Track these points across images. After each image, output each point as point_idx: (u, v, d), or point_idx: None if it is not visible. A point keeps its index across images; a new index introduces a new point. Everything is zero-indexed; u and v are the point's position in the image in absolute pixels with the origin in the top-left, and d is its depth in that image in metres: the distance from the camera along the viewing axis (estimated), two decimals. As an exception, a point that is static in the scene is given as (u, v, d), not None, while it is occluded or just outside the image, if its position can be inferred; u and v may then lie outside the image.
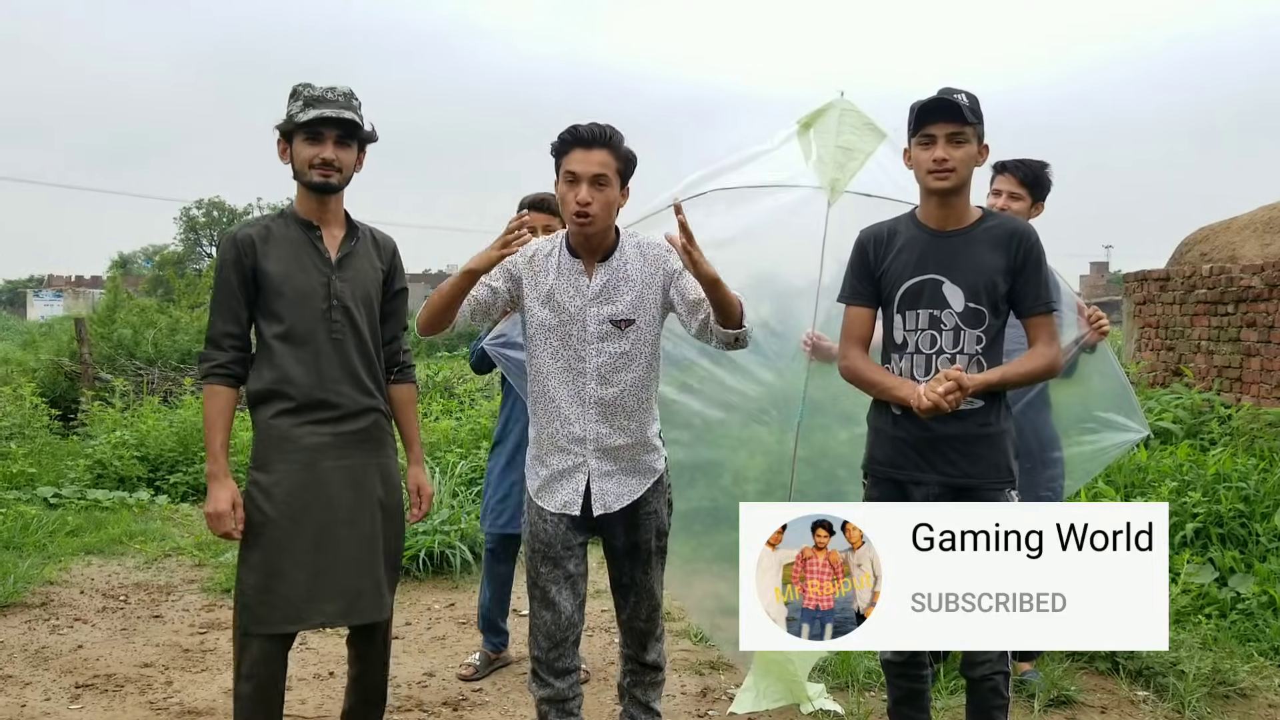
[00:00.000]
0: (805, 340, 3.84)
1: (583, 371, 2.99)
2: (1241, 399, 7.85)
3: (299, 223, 3.06)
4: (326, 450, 2.98)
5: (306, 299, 2.99)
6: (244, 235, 3.02)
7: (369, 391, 3.07)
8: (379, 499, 3.08)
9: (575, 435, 3.02)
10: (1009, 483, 3.03)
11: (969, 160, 3.01)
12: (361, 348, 3.06)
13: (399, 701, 4.17)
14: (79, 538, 6.73)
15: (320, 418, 2.99)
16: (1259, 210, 9.63)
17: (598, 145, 2.92)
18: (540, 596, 3.07)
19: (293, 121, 2.97)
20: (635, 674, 3.25)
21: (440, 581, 5.89)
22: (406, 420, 3.26)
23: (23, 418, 9.52)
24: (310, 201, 3.05)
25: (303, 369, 2.98)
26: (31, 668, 4.51)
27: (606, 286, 3.00)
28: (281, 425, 2.98)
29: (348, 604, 3.00)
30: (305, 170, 2.99)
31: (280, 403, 2.99)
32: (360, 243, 3.11)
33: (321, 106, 2.95)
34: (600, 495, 3.03)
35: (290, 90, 3.03)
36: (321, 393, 2.99)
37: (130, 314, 13.90)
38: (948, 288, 3.02)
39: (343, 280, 3.03)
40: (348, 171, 3.04)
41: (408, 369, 3.28)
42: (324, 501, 2.97)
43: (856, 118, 3.90)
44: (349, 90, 3.03)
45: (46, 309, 52.73)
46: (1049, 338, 3.03)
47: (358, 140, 3.05)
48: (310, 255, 3.03)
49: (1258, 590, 4.82)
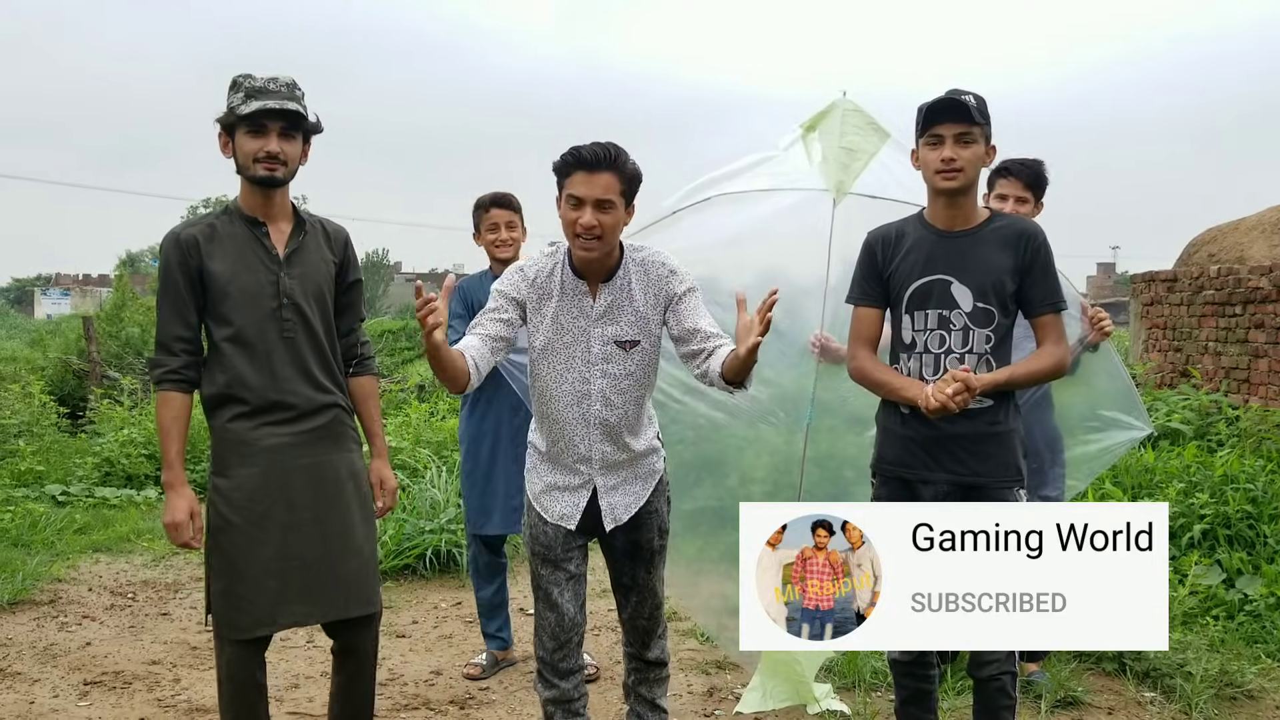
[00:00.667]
0: (813, 341, 3.84)
1: (587, 394, 2.95)
2: (1249, 400, 7.83)
3: (244, 219, 2.97)
4: (285, 450, 2.92)
5: (255, 298, 2.92)
6: (188, 235, 2.92)
7: (325, 388, 3.00)
8: (348, 493, 3.01)
9: (580, 455, 3.01)
10: (1017, 481, 3.04)
11: (977, 160, 3.01)
12: (315, 344, 2.99)
13: (406, 700, 4.18)
14: (87, 535, 6.76)
15: (277, 418, 2.92)
16: (1267, 211, 9.61)
17: (602, 168, 2.82)
18: (544, 598, 3.08)
19: (234, 114, 2.88)
20: (640, 671, 3.26)
21: (447, 580, 5.90)
22: (367, 414, 3.20)
23: (31, 415, 9.55)
24: (255, 197, 2.96)
25: (255, 370, 2.91)
26: (40, 665, 4.53)
27: (611, 307, 2.95)
28: (238, 428, 2.92)
29: (322, 603, 2.95)
30: (249, 164, 2.89)
31: (235, 406, 2.92)
32: (309, 236, 3.03)
33: (264, 98, 2.85)
34: (610, 510, 3.03)
35: (230, 81, 2.92)
36: (276, 393, 2.92)
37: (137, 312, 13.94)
38: (956, 288, 3.02)
39: (292, 277, 2.95)
40: (293, 164, 2.95)
41: (366, 360, 3.22)
42: (286, 502, 2.91)
43: (860, 117, 3.89)
44: (292, 80, 2.94)
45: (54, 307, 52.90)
46: (1057, 337, 3.04)
47: (302, 132, 2.96)
48: (257, 253, 2.94)
49: (1265, 592, 4.81)
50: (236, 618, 2.90)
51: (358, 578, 3.00)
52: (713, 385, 2.90)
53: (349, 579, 2.98)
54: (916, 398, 2.95)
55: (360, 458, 3.11)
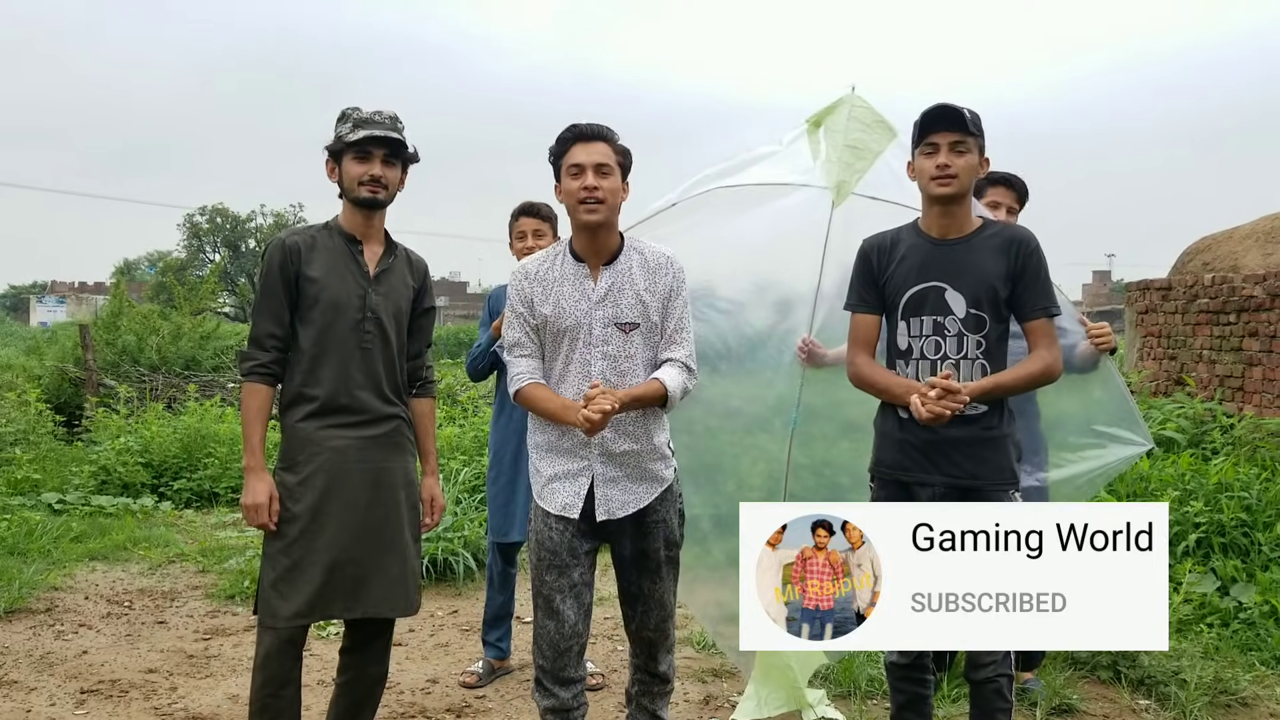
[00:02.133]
0: (800, 346, 3.85)
1: (588, 375, 2.99)
2: (1243, 409, 7.86)
3: (343, 235, 3.21)
4: (349, 451, 3.13)
5: (342, 308, 3.15)
6: (291, 242, 3.17)
7: (390, 400, 3.22)
8: (400, 500, 3.20)
9: (580, 439, 3.01)
10: (1012, 484, 3.08)
11: (971, 169, 3.07)
12: (388, 358, 3.21)
13: (403, 708, 4.18)
14: (83, 544, 6.76)
15: (343, 421, 3.13)
16: (1261, 220, 9.64)
17: (597, 139, 3.01)
18: (545, 605, 3.05)
19: (342, 142, 3.14)
20: (644, 684, 3.25)
21: (443, 588, 5.90)
22: (425, 432, 3.40)
23: (28, 423, 9.52)
24: (356, 217, 3.21)
25: (330, 374, 3.13)
26: (36, 673, 4.53)
27: (611, 290, 3.02)
28: (307, 427, 3.13)
29: (363, 599, 3.14)
30: (354, 187, 3.15)
31: (306, 405, 3.14)
32: (397, 260, 3.27)
33: (370, 127, 3.12)
34: (604, 501, 3.02)
35: (339, 114, 3.20)
36: (346, 397, 3.14)
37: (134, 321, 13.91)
38: (950, 294, 3.07)
39: (379, 294, 3.20)
40: (393, 189, 3.21)
41: (429, 384, 3.42)
42: (344, 500, 3.11)
43: (867, 114, 3.86)
44: (394, 114, 3.21)
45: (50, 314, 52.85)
46: (1048, 342, 3.07)
47: (401, 160, 3.22)
48: (350, 267, 3.18)
49: (1259, 600, 4.83)
50: (281, 606, 3.09)
51: (399, 579, 3.18)
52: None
53: (391, 579, 3.17)
54: (910, 402, 2.98)
55: (415, 469, 3.32)
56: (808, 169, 3.91)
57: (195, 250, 58.67)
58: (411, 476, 3.27)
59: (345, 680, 3.34)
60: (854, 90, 3.93)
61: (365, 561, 3.13)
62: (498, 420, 4.41)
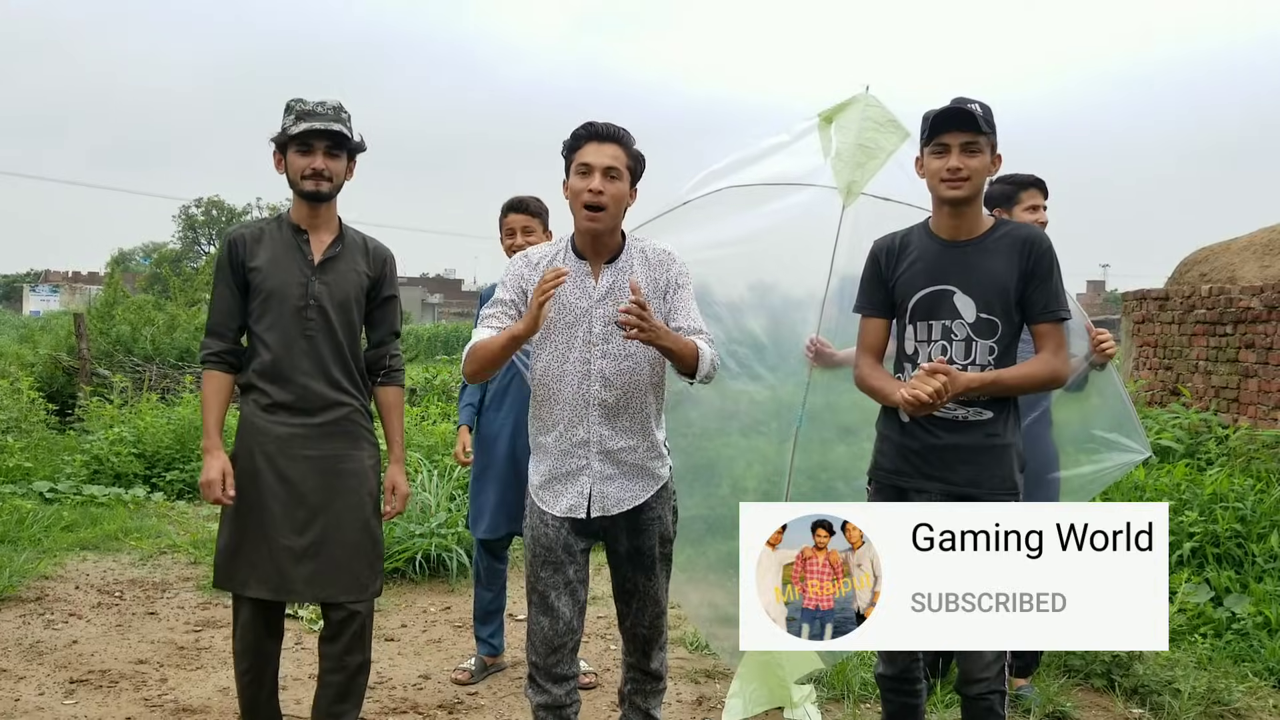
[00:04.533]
0: (809, 346, 3.83)
1: (587, 374, 2.98)
2: (1239, 419, 7.86)
3: (291, 227, 3.28)
4: (294, 440, 3.21)
5: (284, 297, 3.21)
6: (238, 234, 3.29)
7: (340, 387, 3.26)
8: (352, 488, 3.25)
9: (578, 438, 3.00)
10: (1012, 494, 2.99)
11: (983, 170, 2.99)
12: (335, 347, 3.25)
13: (394, 703, 4.17)
14: (74, 533, 6.73)
15: (290, 409, 3.22)
16: (1259, 232, 9.66)
17: (611, 140, 2.98)
18: (539, 602, 3.04)
19: (286, 134, 3.20)
20: (637, 682, 3.24)
21: (436, 584, 5.89)
22: (390, 421, 3.45)
23: (20, 412, 9.48)
24: (303, 208, 3.27)
25: (275, 362, 3.21)
26: (26, 662, 4.51)
27: (613, 288, 3.00)
28: (256, 414, 3.24)
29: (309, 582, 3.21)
30: (298, 179, 3.21)
31: (256, 393, 3.24)
32: (346, 249, 3.31)
33: (311, 120, 3.18)
34: (600, 498, 3.01)
35: (284, 105, 3.24)
36: (291, 385, 3.21)
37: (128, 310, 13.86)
38: (959, 298, 3.00)
39: (322, 282, 3.24)
40: (338, 180, 3.25)
41: (395, 373, 3.45)
42: (289, 486, 3.20)
43: (880, 113, 3.83)
44: (338, 104, 3.25)
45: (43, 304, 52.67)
46: (1055, 347, 2.99)
47: (346, 150, 3.26)
48: (295, 257, 3.25)
49: (1253, 610, 4.83)
50: (231, 573, 3.25)
51: (345, 565, 3.23)
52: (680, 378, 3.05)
53: (338, 565, 3.22)
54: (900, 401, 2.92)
55: (372, 458, 3.35)
56: (818, 166, 3.89)
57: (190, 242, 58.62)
58: (364, 465, 3.30)
59: (324, 669, 3.36)
60: (868, 90, 3.90)
61: (310, 547, 3.19)
62: (487, 412, 4.36)
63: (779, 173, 4.00)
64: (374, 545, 3.32)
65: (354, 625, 3.29)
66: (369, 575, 3.29)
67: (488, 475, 4.32)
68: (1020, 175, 3.98)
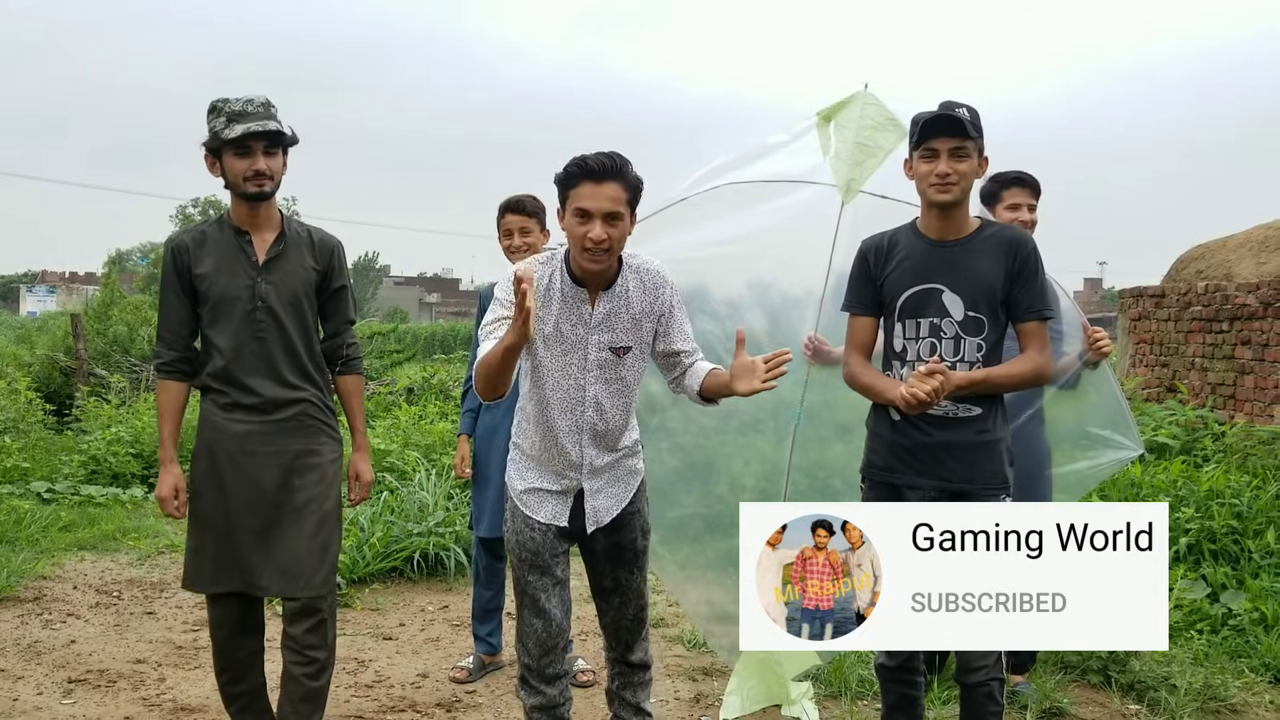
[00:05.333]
0: (806, 344, 3.85)
1: (581, 400, 2.97)
2: (1235, 416, 7.88)
3: (232, 228, 3.26)
4: (252, 437, 3.23)
5: (232, 300, 3.21)
6: (180, 241, 3.27)
7: (291, 385, 3.27)
8: (308, 481, 3.26)
9: (571, 462, 3.01)
10: (1004, 489, 3.06)
11: (970, 174, 3.06)
12: (286, 345, 3.25)
13: (392, 702, 4.17)
14: (72, 533, 6.73)
15: (247, 408, 3.24)
16: (1255, 229, 9.68)
17: (609, 178, 2.80)
18: (531, 605, 3.05)
19: (220, 138, 3.13)
20: (623, 675, 3.25)
21: (434, 583, 5.89)
22: (351, 410, 3.51)
23: (17, 412, 9.47)
24: (243, 209, 3.24)
25: (228, 364, 3.22)
26: (24, 662, 4.51)
27: (609, 315, 2.96)
28: (215, 414, 3.27)
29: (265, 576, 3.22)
30: (240, 183, 3.17)
31: (213, 395, 3.28)
32: (290, 245, 3.29)
33: (246, 120, 3.12)
34: (594, 513, 3.04)
35: (209, 106, 3.19)
36: (245, 387, 3.23)
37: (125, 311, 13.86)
38: (947, 296, 3.06)
39: (269, 282, 3.23)
40: (278, 177, 3.23)
41: (352, 361, 3.49)
42: (248, 481, 3.22)
43: (879, 112, 3.84)
44: (266, 100, 3.20)
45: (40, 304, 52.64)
46: (1040, 345, 3.06)
47: (281, 147, 3.22)
48: (239, 259, 3.23)
49: (1249, 606, 4.84)
50: (198, 573, 3.27)
51: (301, 558, 3.23)
52: (685, 395, 3.08)
53: (295, 558, 3.23)
54: (897, 399, 2.96)
55: (332, 452, 3.36)
56: (816, 165, 3.89)
57: (188, 242, 58.39)
58: (324, 459, 3.31)
59: (288, 660, 3.32)
60: (866, 88, 3.90)
61: (270, 542, 3.21)
62: (486, 411, 4.37)
63: (777, 171, 4.01)
64: (329, 541, 3.31)
65: (313, 617, 3.27)
66: (322, 569, 3.27)
67: (489, 473, 4.32)
68: (1005, 173, 3.99)
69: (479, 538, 4.41)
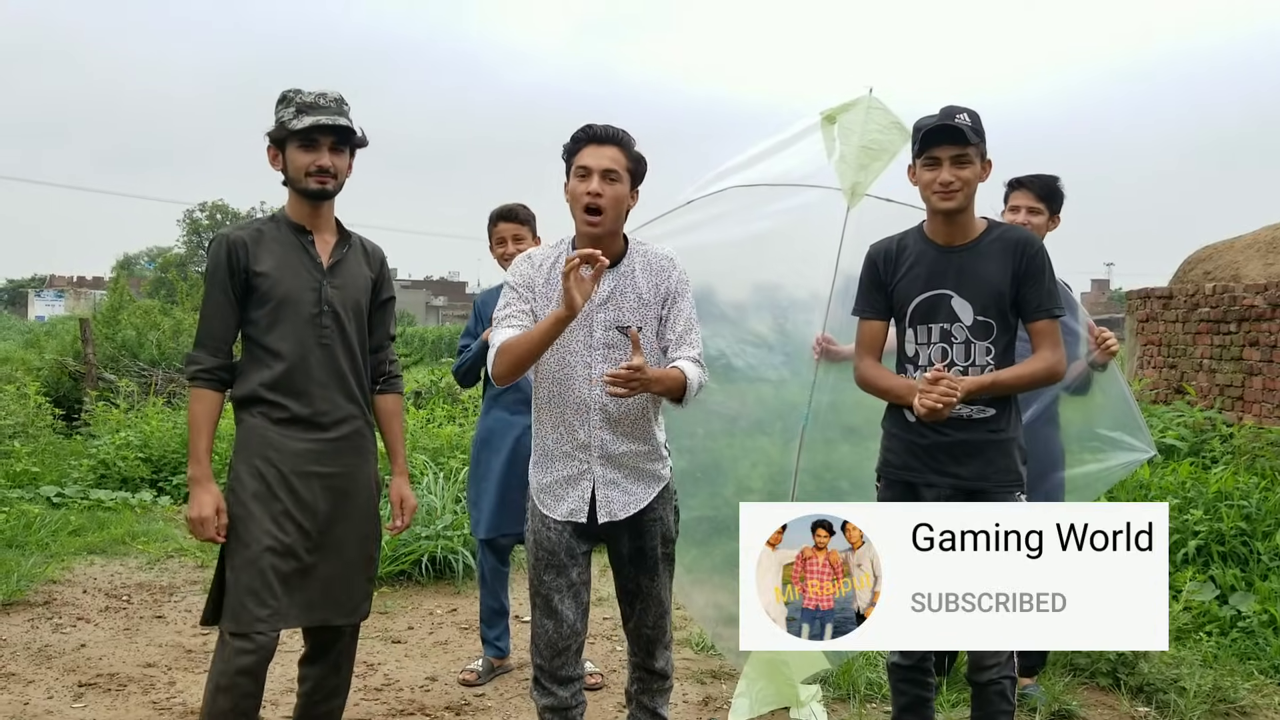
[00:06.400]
0: (816, 344, 3.86)
1: (588, 378, 2.98)
2: (1243, 417, 7.87)
3: (291, 226, 3.06)
4: (308, 456, 3.00)
5: (297, 303, 2.99)
6: (236, 237, 3.01)
7: (354, 399, 3.08)
8: (360, 506, 3.10)
9: (580, 442, 3.01)
10: (1018, 486, 3.09)
11: (973, 179, 3.08)
12: (349, 355, 3.07)
13: (401, 705, 4.18)
14: (82, 537, 6.75)
15: (305, 423, 3.00)
16: (1262, 230, 9.67)
17: (610, 143, 2.96)
18: (543, 605, 3.06)
19: (286, 129, 2.97)
20: (643, 681, 3.25)
21: (443, 586, 5.90)
22: (391, 430, 3.28)
23: (27, 417, 9.50)
24: (304, 207, 3.05)
25: (290, 373, 2.98)
26: (34, 666, 4.53)
27: (614, 293, 3.00)
28: (267, 430, 2.99)
29: (321, 608, 3.03)
30: (301, 177, 2.99)
31: (266, 407, 2.99)
32: (351, 250, 3.13)
33: (316, 113, 2.95)
34: (605, 503, 3.03)
35: (279, 96, 3.02)
36: (307, 398, 3.00)
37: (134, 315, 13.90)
38: (957, 302, 3.08)
39: (334, 286, 3.05)
40: (342, 177, 3.05)
41: (394, 379, 3.29)
42: (303, 506, 2.98)
43: (883, 116, 3.84)
44: (340, 95, 3.03)
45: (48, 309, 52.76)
46: (1052, 343, 3.07)
47: (350, 146, 3.06)
48: (302, 259, 3.03)
49: (1259, 609, 4.83)
50: (242, 611, 2.90)
51: (358, 588, 3.10)
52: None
53: (350, 587, 3.07)
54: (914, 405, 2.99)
55: (374, 472, 3.18)
56: (822, 167, 3.89)
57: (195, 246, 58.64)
58: (369, 481, 3.14)
59: (303, 690, 3.21)
60: (871, 92, 3.90)
61: (330, 569, 3.02)
62: (488, 414, 4.38)
63: (782, 173, 4.02)
64: (371, 565, 3.17)
65: (340, 643, 3.15)
66: (362, 596, 3.14)
67: (488, 476, 4.33)
68: (1018, 177, 4.01)
69: (481, 540, 4.42)
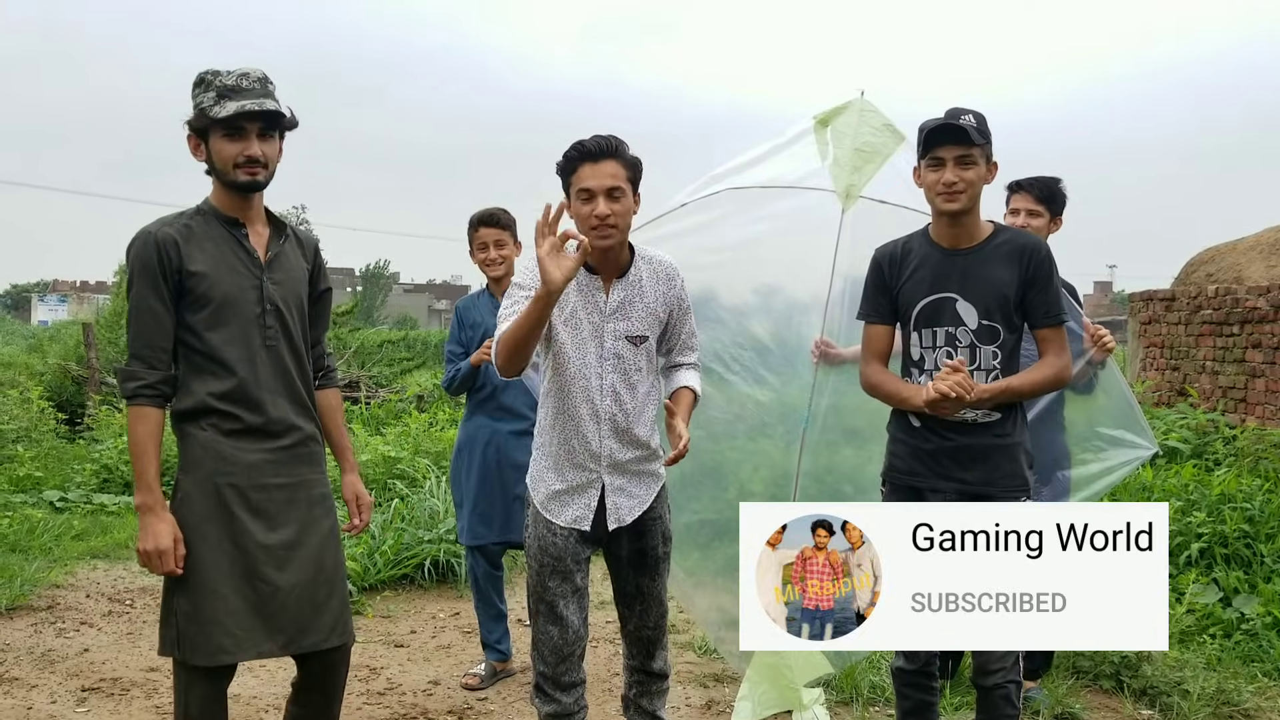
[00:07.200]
0: (815, 347, 3.86)
1: (600, 389, 2.99)
2: (1246, 420, 7.86)
3: (221, 220, 2.75)
4: (264, 468, 2.74)
5: (238, 304, 2.72)
6: (164, 234, 2.68)
7: (301, 402, 2.84)
8: (319, 517, 2.84)
9: (592, 452, 3.02)
10: (1024, 491, 3.08)
11: (978, 181, 3.06)
12: (295, 355, 2.82)
13: (404, 709, 4.18)
14: (85, 541, 6.76)
15: (259, 433, 2.74)
16: (1265, 232, 9.66)
17: (605, 157, 2.90)
18: (547, 611, 3.05)
19: (208, 116, 2.64)
20: (642, 684, 3.25)
21: (445, 590, 5.90)
22: (335, 427, 3.04)
23: (30, 421, 9.53)
24: (232, 199, 2.75)
25: (241, 383, 2.71)
26: (38, 670, 4.53)
27: (624, 303, 3.01)
28: (219, 443, 2.72)
29: (296, 632, 2.76)
30: (229, 169, 2.68)
31: (217, 418, 2.72)
32: (288, 241, 2.87)
33: (240, 98, 2.63)
34: (615, 510, 3.04)
35: (196, 78, 2.69)
36: (259, 407, 2.73)
37: (137, 319, 13.91)
38: (962, 305, 3.07)
39: (274, 282, 2.78)
40: (273, 166, 2.75)
41: (331, 373, 3.07)
42: (264, 521, 2.73)
43: (876, 118, 3.85)
44: (264, 74, 2.71)
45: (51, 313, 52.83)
46: (1059, 349, 3.08)
47: (279, 130, 2.76)
48: (238, 255, 2.75)
49: (1262, 611, 4.82)
50: (203, 640, 2.66)
51: (333, 606, 2.83)
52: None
53: (326, 607, 2.81)
54: (921, 403, 3.00)
55: (327, 479, 2.94)
56: (815, 170, 3.90)
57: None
58: (326, 489, 2.89)
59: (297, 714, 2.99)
60: (863, 95, 3.92)
61: (293, 589, 2.74)
62: (470, 419, 4.39)
63: (777, 176, 4.02)
64: (342, 579, 2.90)
65: (340, 670, 2.92)
66: (340, 612, 2.85)
67: (467, 483, 4.35)
68: (1020, 179, 4.00)
69: (469, 547, 4.43)
